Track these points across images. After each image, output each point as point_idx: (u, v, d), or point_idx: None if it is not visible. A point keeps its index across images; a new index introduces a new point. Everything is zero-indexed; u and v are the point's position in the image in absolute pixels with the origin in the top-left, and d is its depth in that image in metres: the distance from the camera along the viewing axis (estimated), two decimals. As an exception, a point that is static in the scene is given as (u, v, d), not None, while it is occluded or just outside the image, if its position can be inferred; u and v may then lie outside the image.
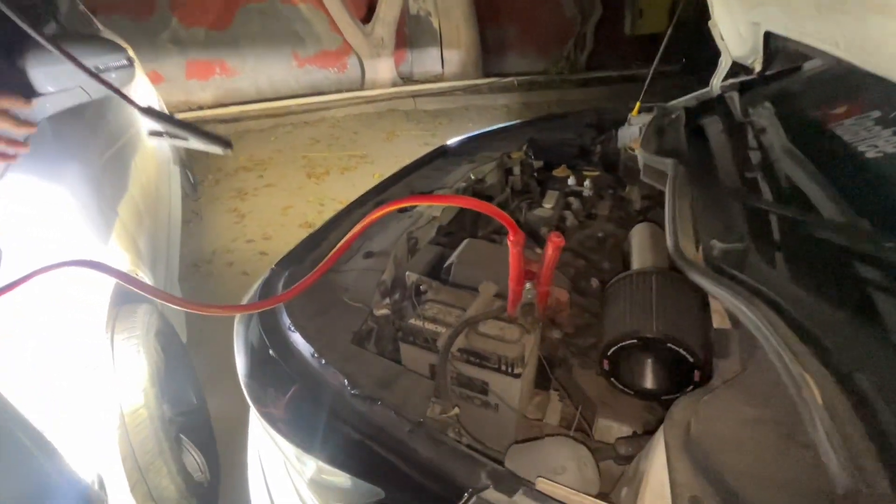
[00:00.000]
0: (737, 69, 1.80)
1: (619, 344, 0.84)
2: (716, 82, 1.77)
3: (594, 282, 1.22)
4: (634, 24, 6.94)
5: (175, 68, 5.62)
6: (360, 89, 6.35)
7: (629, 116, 1.81)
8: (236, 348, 0.99)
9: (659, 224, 1.27)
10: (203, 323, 2.02)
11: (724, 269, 0.73)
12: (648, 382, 0.87)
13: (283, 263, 1.17)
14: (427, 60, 6.73)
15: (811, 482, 0.48)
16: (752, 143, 1.13)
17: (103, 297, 1.29)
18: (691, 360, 0.80)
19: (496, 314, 0.90)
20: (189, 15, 5.50)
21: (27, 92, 1.06)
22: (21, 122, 0.86)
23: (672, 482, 0.55)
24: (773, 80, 1.56)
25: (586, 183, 1.64)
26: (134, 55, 2.51)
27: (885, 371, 0.54)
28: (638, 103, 1.84)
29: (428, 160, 1.80)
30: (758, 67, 1.59)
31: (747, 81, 1.65)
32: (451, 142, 2.00)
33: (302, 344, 0.90)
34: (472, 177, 1.67)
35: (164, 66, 5.52)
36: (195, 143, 0.88)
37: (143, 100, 0.92)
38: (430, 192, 1.51)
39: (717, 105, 1.57)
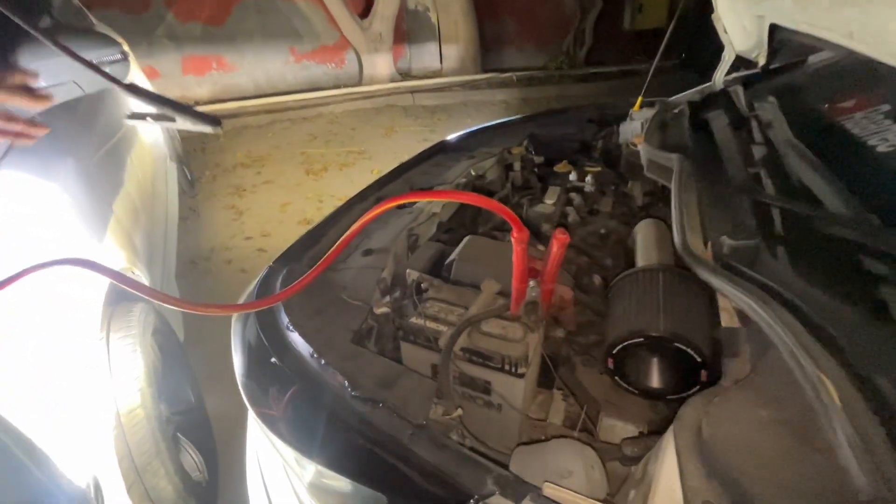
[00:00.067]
0: (737, 64, 1.78)
1: (625, 343, 0.83)
2: (719, 76, 1.75)
3: (596, 279, 1.20)
4: (634, 19, 6.93)
5: (171, 64, 5.58)
6: (358, 85, 6.32)
7: (631, 111, 1.78)
8: (234, 347, 0.98)
9: (663, 220, 1.25)
10: (201, 321, 2.00)
11: (735, 267, 0.71)
12: (654, 382, 0.86)
13: (282, 261, 1.15)
14: (425, 56, 6.70)
15: (830, 487, 0.47)
16: (758, 137, 1.11)
17: (98, 296, 1.27)
18: (699, 359, 0.78)
19: (499, 313, 0.88)
20: (185, 10, 5.46)
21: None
22: (36, 96, 0.83)
23: (684, 486, 0.54)
24: (777, 74, 1.54)
25: (588, 179, 1.62)
26: (129, 50, 2.49)
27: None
28: (640, 98, 1.82)
29: (427, 156, 1.79)
30: (762, 61, 1.57)
31: (751, 76, 1.63)
32: (451, 137, 1.98)
33: (301, 343, 0.88)
34: (472, 172, 1.65)
35: (159, 62, 5.48)
36: (183, 124, 0.85)
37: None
38: (430, 189, 1.49)
39: (720, 99, 1.54)
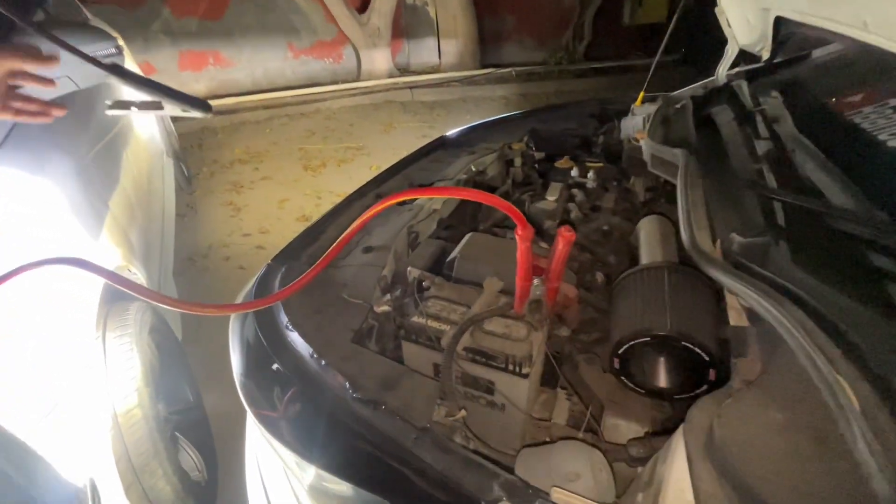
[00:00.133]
0: (738, 58, 1.76)
1: (631, 342, 0.81)
2: (722, 71, 1.73)
3: (599, 276, 1.19)
4: (633, 13, 6.90)
5: (167, 59, 5.53)
6: (357, 80, 6.28)
7: (632, 107, 1.76)
8: (231, 347, 0.96)
9: (666, 216, 1.24)
10: (199, 318, 1.99)
11: (746, 265, 0.70)
12: (661, 381, 0.84)
13: (280, 259, 1.14)
14: (424, 51, 6.66)
15: (848, 493, 0.45)
16: (764, 132, 1.09)
17: (94, 294, 1.25)
18: (706, 358, 0.77)
19: (502, 311, 0.87)
20: (181, 5, 5.40)
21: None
22: (45, 79, 0.81)
23: (696, 490, 0.52)
24: (781, 68, 1.52)
25: (590, 174, 1.60)
26: (124, 45, 2.46)
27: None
28: (642, 93, 1.80)
29: (427, 152, 1.77)
30: (766, 55, 1.54)
31: (755, 70, 1.61)
32: (451, 133, 1.96)
33: (300, 343, 0.86)
34: (472, 168, 1.63)
35: (155, 57, 5.43)
36: (171, 110, 0.81)
37: (134, 93, 0.86)
38: (430, 185, 1.47)
39: (724, 94, 1.52)
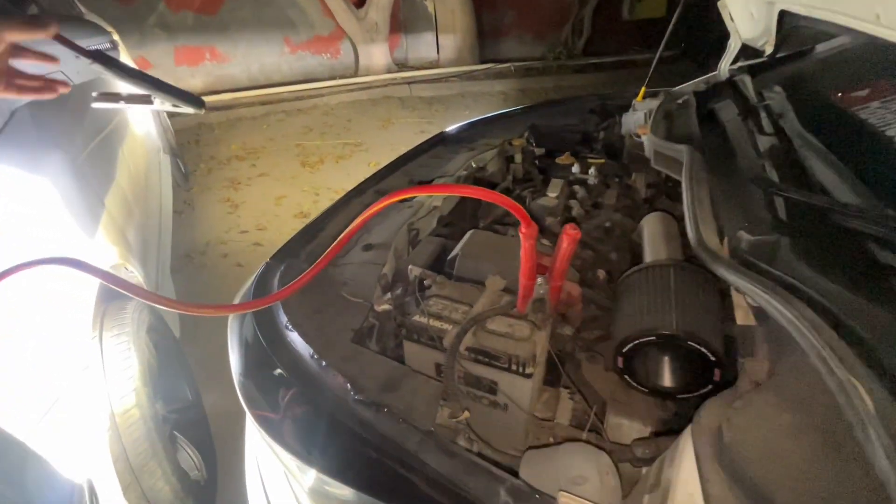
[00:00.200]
0: (738, 53, 1.74)
1: (636, 341, 0.80)
2: (724, 65, 1.71)
3: (601, 273, 1.18)
4: (632, 8, 6.86)
5: (163, 54, 5.49)
6: (354, 76, 6.24)
7: (633, 102, 1.75)
8: (230, 347, 0.94)
9: (669, 213, 1.22)
10: (197, 317, 1.97)
11: (754, 263, 0.68)
12: (666, 381, 0.83)
13: (279, 257, 1.12)
14: (422, 46, 6.62)
15: (862, 498, 0.44)
16: (769, 128, 1.07)
17: (90, 293, 1.23)
18: (713, 358, 0.76)
19: (505, 310, 0.85)
20: (177, -1, 5.36)
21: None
22: (48, 56, 0.74)
23: (706, 494, 0.51)
24: (785, 63, 1.50)
25: (591, 171, 1.59)
26: (119, 39, 2.43)
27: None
28: (643, 88, 1.78)
29: (426, 148, 1.75)
30: (769, 50, 1.53)
31: (758, 64, 1.59)
32: (450, 129, 1.95)
33: (300, 343, 0.85)
34: (472, 165, 1.62)
35: (151, 53, 5.39)
36: (161, 104, 0.76)
37: (130, 89, 0.79)
38: (431, 181, 1.46)
39: (727, 89, 1.51)
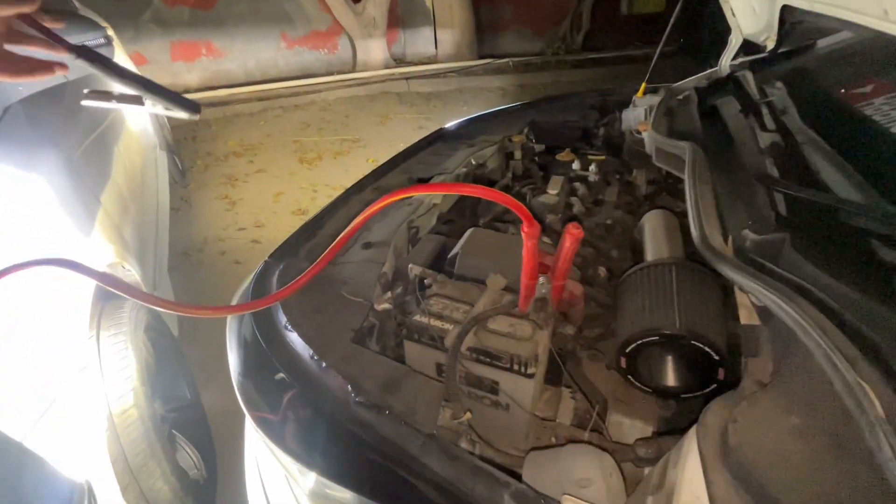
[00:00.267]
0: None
1: (640, 341, 0.79)
2: (725, 61, 1.70)
3: (602, 270, 1.17)
4: (632, 3, 6.82)
5: (159, 50, 5.44)
6: (352, 71, 6.20)
7: (634, 98, 1.74)
8: (229, 347, 0.94)
9: (670, 210, 1.22)
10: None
11: (760, 263, 0.68)
12: (669, 380, 0.82)
13: (277, 255, 1.11)
14: (420, 41, 6.58)
15: (870, 502, 0.44)
16: (772, 125, 1.07)
17: (87, 293, 1.22)
18: (716, 357, 0.75)
19: (507, 310, 0.85)
20: (172, -7, 5.31)
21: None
22: (49, 41, 0.67)
23: (711, 497, 0.51)
24: (786, 59, 1.49)
25: (591, 167, 1.58)
26: (114, 34, 2.40)
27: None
28: (643, 84, 1.77)
29: (426, 144, 1.74)
30: (770, 45, 1.52)
31: (759, 60, 1.58)
32: (449, 125, 1.93)
33: (300, 344, 0.84)
34: (472, 162, 1.60)
35: (147, 48, 5.34)
36: (154, 107, 0.70)
37: (123, 88, 0.72)
38: (430, 178, 1.45)
39: (728, 85, 1.50)
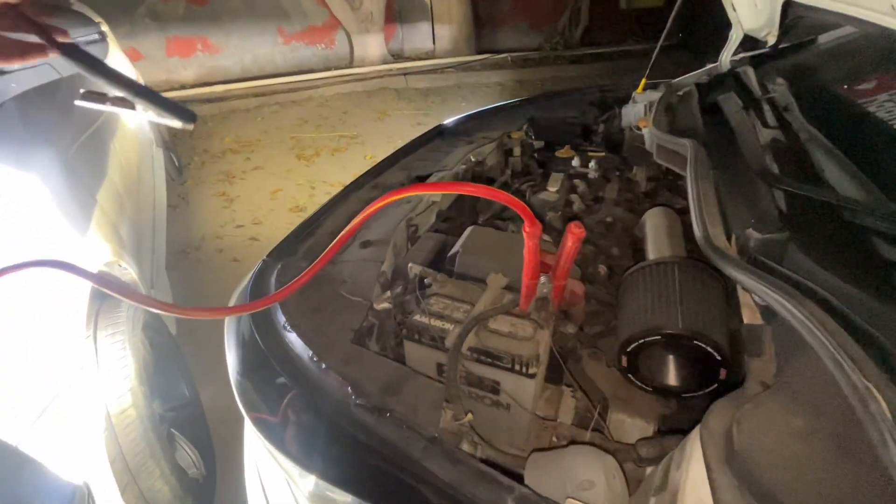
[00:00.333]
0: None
1: (641, 340, 0.79)
2: (725, 57, 1.69)
3: (602, 268, 1.16)
4: (630, -2, 6.78)
5: (154, 45, 5.39)
6: (349, 67, 6.16)
7: (633, 94, 1.72)
8: (227, 347, 0.93)
9: (670, 207, 1.21)
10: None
11: (764, 262, 0.67)
12: (670, 380, 0.82)
13: (276, 254, 1.10)
14: (418, 36, 6.53)
15: (878, 505, 0.44)
16: (774, 122, 1.06)
17: (83, 292, 1.21)
18: (718, 357, 0.75)
19: (508, 309, 0.84)
20: (167, -12, 5.26)
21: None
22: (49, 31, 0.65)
23: (716, 501, 0.50)
24: (787, 55, 1.48)
25: (591, 164, 1.57)
26: (108, 30, 2.38)
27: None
28: (643, 80, 1.76)
29: (424, 141, 1.72)
30: (772, 40, 1.50)
31: (759, 55, 1.57)
32: (448, 122, 1.92)
33: (299, 345, 0.83)
34: (471, 159, 1.59)
35: (142, 44, 5.30)
36: (145, 113, 0.65)
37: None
38: (429, 175, 1.44)
39: (729, 81, 1.49)
